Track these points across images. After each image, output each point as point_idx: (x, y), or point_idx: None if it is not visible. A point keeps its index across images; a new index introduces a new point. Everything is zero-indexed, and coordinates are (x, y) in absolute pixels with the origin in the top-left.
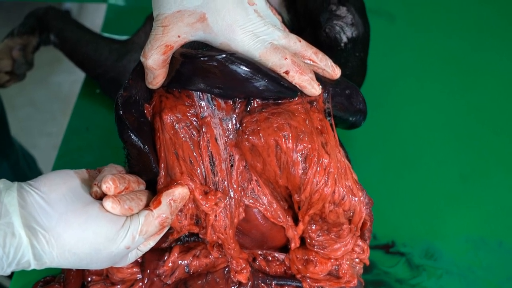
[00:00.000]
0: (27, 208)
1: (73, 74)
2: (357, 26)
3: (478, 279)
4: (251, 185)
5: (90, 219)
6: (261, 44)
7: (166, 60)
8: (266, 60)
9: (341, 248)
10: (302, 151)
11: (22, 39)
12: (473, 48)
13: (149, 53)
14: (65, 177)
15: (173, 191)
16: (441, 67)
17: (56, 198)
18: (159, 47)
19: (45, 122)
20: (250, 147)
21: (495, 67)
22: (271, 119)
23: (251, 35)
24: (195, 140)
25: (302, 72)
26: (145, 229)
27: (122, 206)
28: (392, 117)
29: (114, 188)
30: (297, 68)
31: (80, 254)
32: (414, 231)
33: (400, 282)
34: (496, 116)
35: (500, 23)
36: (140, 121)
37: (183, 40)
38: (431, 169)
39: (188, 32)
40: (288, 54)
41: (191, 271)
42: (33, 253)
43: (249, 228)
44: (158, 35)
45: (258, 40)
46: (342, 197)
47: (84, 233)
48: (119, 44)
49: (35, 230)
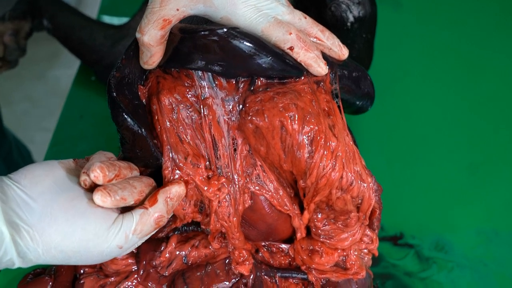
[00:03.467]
0: (8, 203)
1: (70, 69)
2: (364, 5)
3: (490, 272)
4: (256, 171)
5: (77, 213)
6: (264, 18)
7: (164, 36)
8: (269, 35)
9: (349, 238)
10: (309, 133)
11: (14, 24)
12: (479, 36)
13: (145, 28)
14: (48, 169)
15: (169, 189)
16: (450, 55)
17: (39, 191)
18: (156, 21)
19: (42, 117)
20: (253, 129)
21: (504, 55)
22: (276, 99)
23: (254, 9)
24: (196, 123)
25: (308, 49)
26: (139, 228)
27: (114, 197)
28: (400, 105)
29: (102, 177)
30: (303, 44)
31: (68, 252)
32: (423, 223)
33: (409, 275)
34: (507, 106)
35: (506, 10)
36: (134, 103)
37: (182, 14)
38: (440, 159)
39: (187, 5)
40: (293, 29)
41: (190, 262)
42: (16, 250)
43: (255, 219)
44: (155, 9)
45: (261, 14)
46: (350, 183)
47: (71, 228)
48: (115, 29)
49: (17, 225)
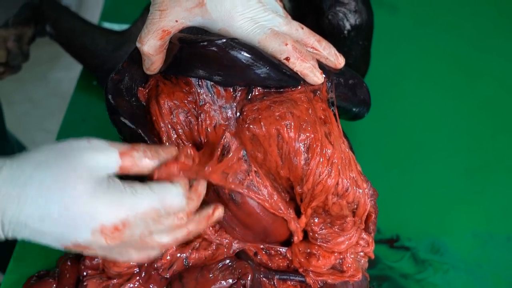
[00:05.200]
0: None
1: (71, 71)
2: (361, 13)
3: (486, 274)
4: (249, 177)
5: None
6: (261, 30)
7: (163, 46)
8: (266, 46)
9: (345, 242)
10: (305, 141)
11: (17, 29)
12: (477, 40)
13: (145, 38)
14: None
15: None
16: (445, 60)
17: None
18: (156, 31)
19: (43, 118)
20: (250, 137)
21: (502, 60)
22: (273, 107)
23: (250, 21)
24: (193, 127)
25: (304, 59)
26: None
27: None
28: (397, 110)
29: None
30: (298, 55)
31: None
32: (419, 226)
33: (405, 277)
34: (504, 109)
35: (504, 13)
36: (132, 104)
37: (181, 25)
38: (436, 163)
39: (186, 17)
40: (289, 40)
41: (190, 264)
42: None
43: (251, 223)
44: (155, 20)
45: (258, 26)
46: (346, 189)
47: None
48: (116, 34)
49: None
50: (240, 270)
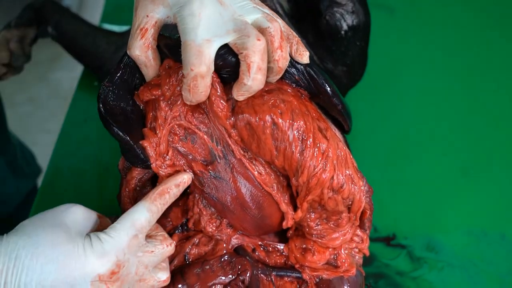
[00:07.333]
0: None
1: (72, 71)
2: (358, 14)
3: (480, 272)
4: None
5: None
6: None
7: (148, 46)
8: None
9: (340, 237)
10: (298, 129)
11: (20, 31)
12: (473, 41)
13: (130, 42)
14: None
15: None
16: (441, 61)
17: None
18: (136, 33)
19: (44, 119)
20: (245, 126)
21: (497, 61)
22: (266, 96)
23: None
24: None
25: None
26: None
27: None
28: (393, 110)
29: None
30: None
31: None
32: (415, 224)
33: (401, 275)
34: (498, 109)
35: (501, 15)
36: (126, 109)
37: (153, 19)
38: (432, 161)
39: (153, 9)
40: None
41: (190, 259)
42: None
43: (246, 202)
44: (133, 22)
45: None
46: (341, 185)
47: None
48: (117, 36)
49: None
50: (239, 266)
